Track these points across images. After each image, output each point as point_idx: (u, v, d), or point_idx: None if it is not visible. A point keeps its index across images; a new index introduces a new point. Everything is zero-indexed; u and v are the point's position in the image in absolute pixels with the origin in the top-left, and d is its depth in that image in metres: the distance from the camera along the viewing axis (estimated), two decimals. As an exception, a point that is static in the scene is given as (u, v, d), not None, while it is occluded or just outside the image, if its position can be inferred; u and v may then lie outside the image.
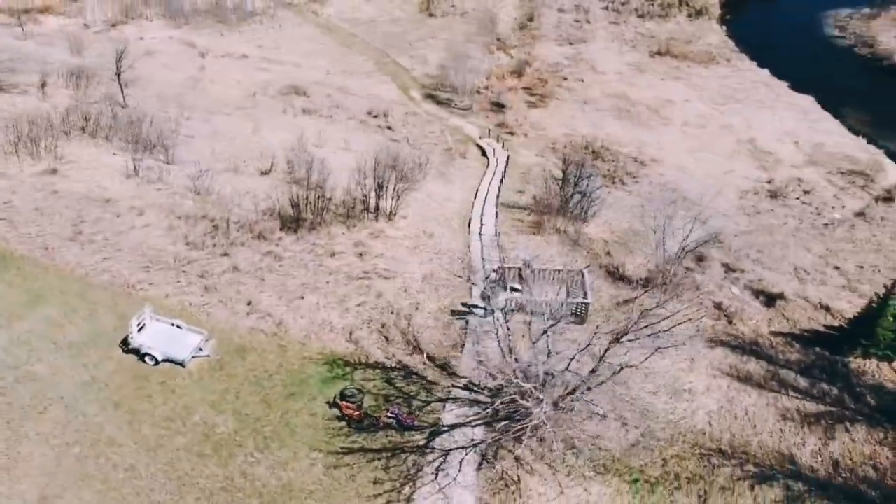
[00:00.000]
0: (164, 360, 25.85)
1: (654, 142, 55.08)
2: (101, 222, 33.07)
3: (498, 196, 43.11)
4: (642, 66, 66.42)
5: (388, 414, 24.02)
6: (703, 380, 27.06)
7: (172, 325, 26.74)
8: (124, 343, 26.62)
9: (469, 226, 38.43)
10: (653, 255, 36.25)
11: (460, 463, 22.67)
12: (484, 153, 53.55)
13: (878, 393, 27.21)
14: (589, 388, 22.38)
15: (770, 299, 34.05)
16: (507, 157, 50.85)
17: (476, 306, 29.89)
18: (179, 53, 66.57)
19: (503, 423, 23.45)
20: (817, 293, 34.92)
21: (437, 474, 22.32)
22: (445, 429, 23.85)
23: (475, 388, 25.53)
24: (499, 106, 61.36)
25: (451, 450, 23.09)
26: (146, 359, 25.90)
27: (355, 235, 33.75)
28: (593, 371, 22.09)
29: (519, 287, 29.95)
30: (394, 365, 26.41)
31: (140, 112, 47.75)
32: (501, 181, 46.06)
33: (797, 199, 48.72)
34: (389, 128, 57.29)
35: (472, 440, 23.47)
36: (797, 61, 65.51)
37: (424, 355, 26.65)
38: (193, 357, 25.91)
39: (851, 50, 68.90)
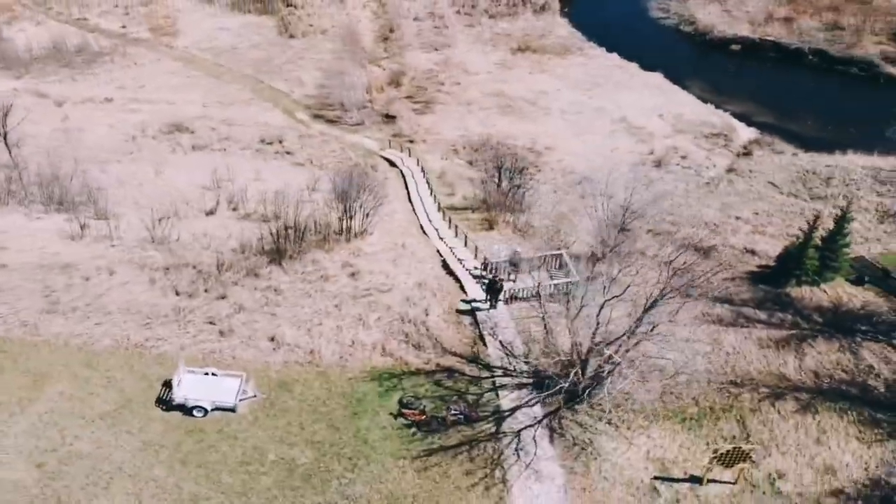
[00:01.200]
0: (213, 410, 25.92)
1: (542, 132, 59.54)
2: (73, 288, 31.76)
3: (435, 200, 45.41)
4: (508, 63, 71.04)
5: (453, 412, 25.85)
6: (689, 328, 31.01)
7: (206, 374, 26.80)
8: (162, 402, 26.35)
9: (425, 233, 40.43)
10: (590, 231, 40.36)
11: (534, 439, 25.05)
12: (392, 164, 55.40)
13: (820, 312, 32.70)
14: (627, 351, 25.46)
15: (705, 252, 39.16)
16: (420, 164, 53.10)
17: (478, 300, 32.20)
18: (34, 105, 62.37)
19: (556, 396, 26.12)
20: (736, 240, 40.54)
21: (517, 454, 24.54)
22: (507, 413, 26.07)
23: (515, 374, 27.90)
24: (389, 117, 63.36)
25: (520, 430, 25.38)
26: (194, 412, 25.85)
27: (337, 258, 34.79)
28: (632, 332, 25.13)
29: (513, 277, 32.61)
30: (434, 368, 28.15)
31: (37, 171, 45.13)
32: (429, 187, 48.30)
33: (677, 164, 54.97)
34: (288, 153, 57.56)
35: (535, 418, 25.89)
36: (637, 43, 72.92)
37: (498, 340, 28.57)
38: (241, 400, 26.19)
39: (678, 28, 77.65)
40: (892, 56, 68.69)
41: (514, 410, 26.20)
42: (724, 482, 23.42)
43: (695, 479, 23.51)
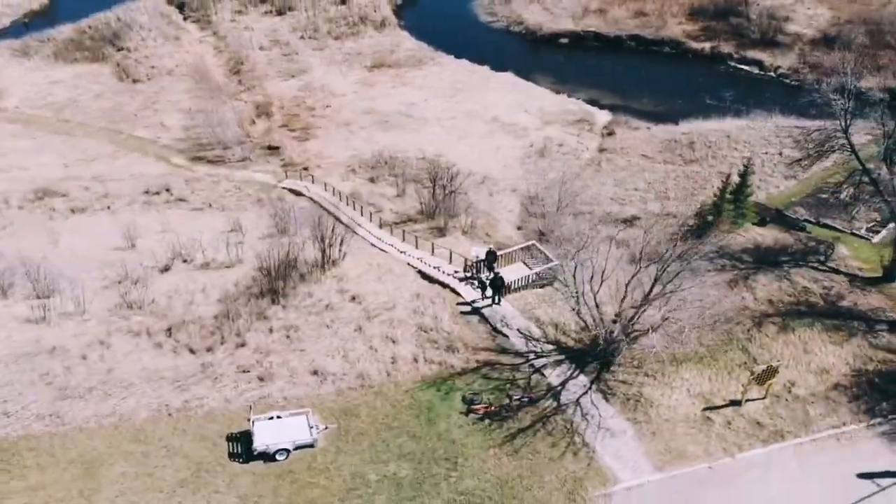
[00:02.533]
0: (294, 449, 26.53)
1: (426, 141, 62.72)
2: (74, 370, 30.24)
3: (371, 219, 47.10)
4: (368, 80, 73.37)
5: (516, 397, 28.51)
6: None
7: (271, 418, 27.26)
8: (238, 455, 26.50)
9: (383, 251, 42.17)
10: (512, 223, 44.58)
11: (592, 403, 28.39)
12: (298, 194, 55.94)
13: (748, 253, 38.95)
14: (644, 310, 29.51)
15: (629, 223, 44.61)
16: (329, 188, 54.26)
17: (478, 299, 34.90)
18: None
19: (596, 363, 29.71)
20: (649, 207, 46.47)
21: (585, 419, 27.75)
22: (559, 388, 29.17)
23: (545, 354, 31.05)
24: (272, 148, 63.41)
25: (578, 398, 28.62)
26: (277, 456, 26.31)
27: (327, 287, 35.73)
28: (647, 298, 29.19)
29: (497, 272, 35.55)
30: (475, 365, 30.53)
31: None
32: (355, 207, 49.80)
33: (558, 152, 60.70)
34: (181, 199, 56.06)
35: (584, 385, 29.24)
36: (478, 47, 78.32)
37: (516, 329, 31.23)
38: (317, 434, 27.00)
39: (508, 29, 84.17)
40: (694, 34, 79.76)
41: (564, 384, 29.33)
42: (757, 399, 28.20)
43: (734, 403, 28.09)
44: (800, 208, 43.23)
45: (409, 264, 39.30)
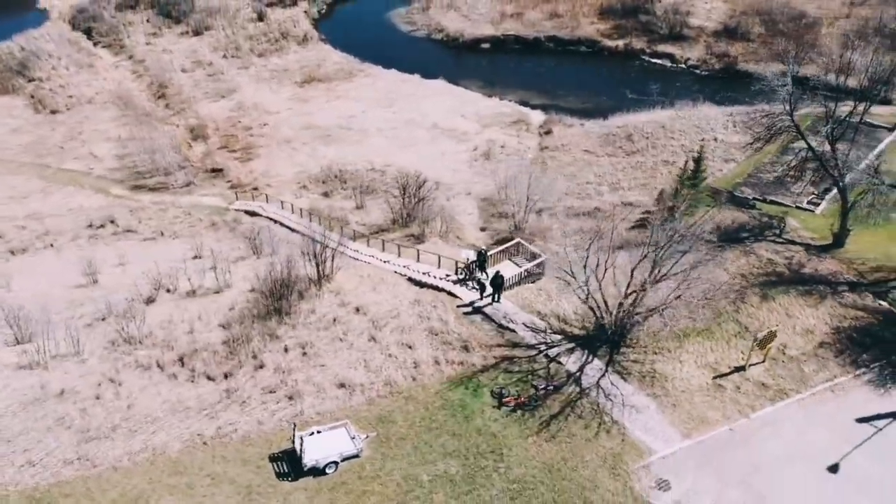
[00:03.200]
0: (342, 461, 27.06)
1: (372, 152, 63.41)
2: (91, 411, 29.50)
3: (342, 232, 47.52)
4: (301, 96, 73.29)
5: (542, 386, 30.04)
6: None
7: (312, 433, 27.68)
8: (286, 475, 26.79)
9: (366, 262, 42.77)
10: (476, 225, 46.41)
11: (612, 384, 30.27)
12: (253, 214, 55.53)
13: (713, 232, 41.87)
14: (646, 291, 31.67)
15: (590, 214, 47.01)
16: (291, 205, 54.22)
17: (477, 299, 36.21)
18: None
19: (606, 347, 31.65)
20: (606, 199, 49.11)
21: (608, 398, 29.59)
22: (578, 373, 30.91)
23: (556, 343, 32.73)
24: (215, 171, 62.53)
25: (598, 381, 30.43)
26: (327, 469, 26.79)
27: (327, 302, 36.15)
28: (654, 281, 31.34)
29: (497, 270, 37.02)
30: (494, 361, 31.84)
31: None
32: (320, 223, 50.03)
33: (502, 153, 62.73)
34: (129, 230, 54.68)
35: (601, 369, 31.10)
36: (404, 56, 79.66)
37: (521, 323, 32.57)
38: (361, 444, 27.63)
39: (430, 37, 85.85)
40: (607, 32, 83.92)
41: (581, 369, 31.08)
42: (757, 363, 30.86)
43: (739, 369, 30.63)
44: (745, 188, 46.81)
45: (396, 273, 40.07)
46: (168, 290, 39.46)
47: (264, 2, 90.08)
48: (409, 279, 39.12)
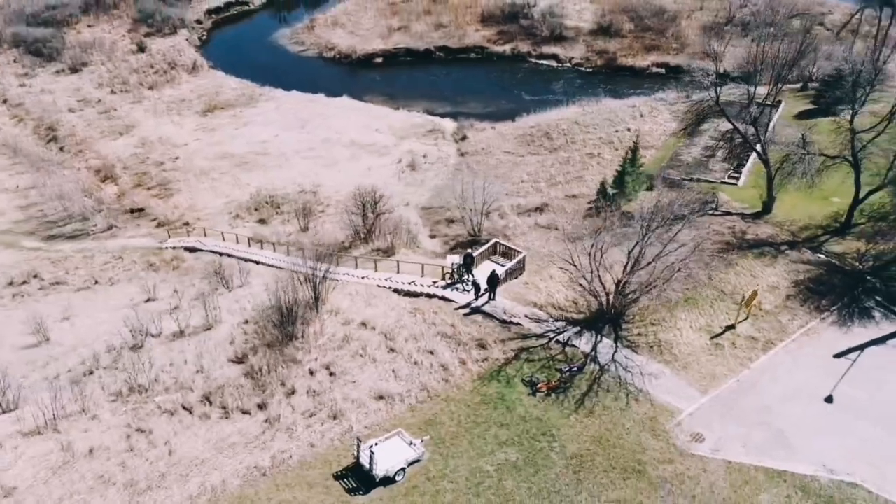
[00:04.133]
0: (408, 466, 28.12)
1: (297, 174, 63.23)
2: (131, 464, 28.79)
3: (305, 254, 47.67)
4: (206, 125, 71.63)
5: (566, 370, 32.40)
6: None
7: (371, 447, 28.49)
8: (357, 490, 27.50)
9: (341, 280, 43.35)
10: (435, 232, 48.44)
11: (626, 357, 33.15)
12: (193, 250, 54.24)
13: (654, 214, 46.05)
14: (640, 268, 34.81)
15: (539, 210, 50.06)
16: (236, 236, 53.46)
17: (473, 300, 38.04)
18: None
19: (608, 325, 34.53)
20: (550, 194, 52.32)
21: (625, 369, 32.43)
22: (592, 353, 33.55)
23: (563, 329, 35.23)
24: (136, 211, 60.29)
25: (613, 356, 33.21)
26: (397, 477, 27.77)
27: (329, 322, 36.64)
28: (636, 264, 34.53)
29: (493, 270, 38.90)
30: (513, 354, 33.84)
31: None
32: (274, 248, 49.92)
33: (426, 162, 64.68)
34: (59, 283, 51.98)
35: (611, 346, 33.91)
36: (301, 77, 79.74)
37: (524, 315, 34.61)
38: (421, 449, 28.80)
39: (321, 55, 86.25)
40: (493, 38, 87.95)
41: (594, 349, 33.72)
42: (743, 321, 34.78)
43: (729, 327, 34.42)
44: (671, 171, 51.55)
45: (381, 287, 41.04)
46: (153, 335, 38.24)
47: (142, 32, 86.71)
48: (398, 291, 40.16)
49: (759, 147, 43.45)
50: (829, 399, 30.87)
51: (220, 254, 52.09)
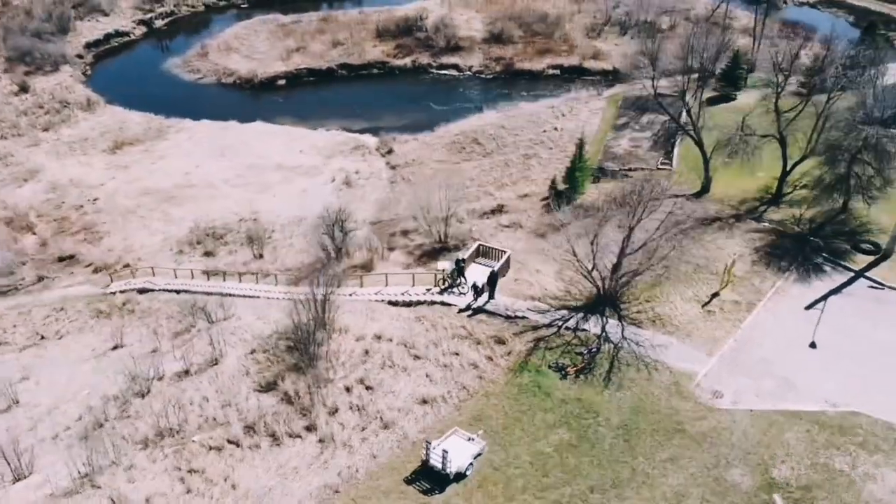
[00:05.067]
0: (475, 460, 29.49)
1: (232, 203, 61.99)
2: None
3: (276, 282, 47.54)
4: (118, 163, 68.50)
5: (585, 353, 34.86)
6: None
7: (442, 447, 29.45)
8: (431, 490, 28.54)
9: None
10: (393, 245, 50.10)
11: (634, 334, 36.03)
12: (144, 291, 52.34)
13: (610, 202, 49.62)
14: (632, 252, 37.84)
15: (497, 212, 52.46)
16: (191, 271, 52.14)
17: (474, 301, 39.73)
18: None
19: (607, 307, 37.39)
20: (502, 195, 54.77)
21: (637, 344, 35.29)
22: (602, 334, 36.19)
23: (569, 316, 37.69)
24: (66, 258, 57.19)
25: (622, 335, 35.99)
26: (467, 472, 29.07)
27: (342, 339, 37.11)
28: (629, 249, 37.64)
29: (493, 269, 40.64)
30: (532, 345, 35.86)
31: None
32: (241, 279, 49.27)
33: (360, 179, 65.45)
34: (3, 343, 48.87)
35: (617, 325, 36.68)
36: (205, 105, 78.04)
37: (527, 308, 36.68)
38: (481, 443, 30.22)
39: (220, 82, 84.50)
40: (392, 53, 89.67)
41: (603, 330, 36.37)
42: (724, 287, 38.62)
43: (714, 295, 38.14)
44: (608, 163, 55.48)
45: (374, 301, 41.80)
46: (159, 379, 37.04)
47: (21, 71, 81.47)
48: (394, 303, 41.06)
49: (692, 133, 47.92)
50: (812, 345, 35.08)
51: (178, 291, 50.57)
